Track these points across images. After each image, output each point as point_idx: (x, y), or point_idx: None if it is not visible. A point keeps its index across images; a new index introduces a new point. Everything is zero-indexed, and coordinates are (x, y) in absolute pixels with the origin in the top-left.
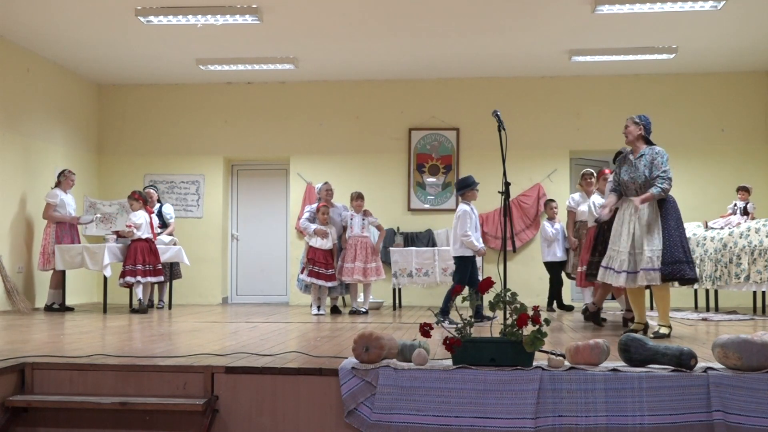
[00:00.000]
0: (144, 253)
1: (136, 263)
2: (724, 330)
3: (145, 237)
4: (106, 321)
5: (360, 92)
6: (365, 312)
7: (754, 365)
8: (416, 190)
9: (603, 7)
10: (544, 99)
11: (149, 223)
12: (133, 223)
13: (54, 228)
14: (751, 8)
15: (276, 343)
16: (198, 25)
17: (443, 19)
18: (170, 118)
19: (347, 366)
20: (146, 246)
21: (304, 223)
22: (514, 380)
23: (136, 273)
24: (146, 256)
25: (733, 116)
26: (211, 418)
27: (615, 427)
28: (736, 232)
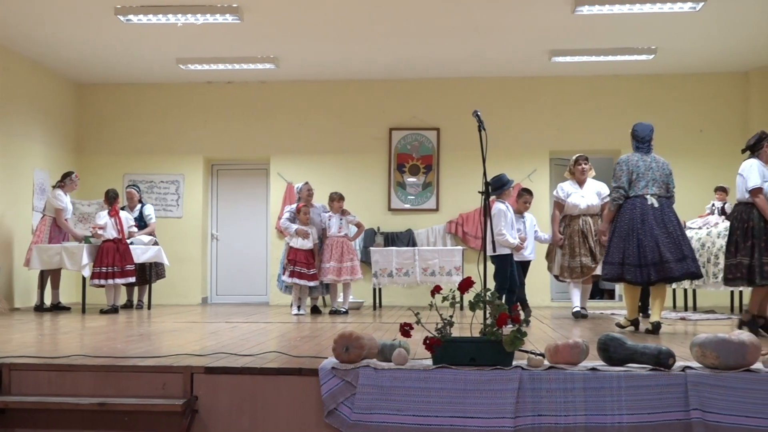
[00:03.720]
0: (109, 254)
1: (102, 264)
2: (702, 329)
3: (111, 238)
4: (85, 321)
5: (341, 92)
6: (345, 312)
7: (732, 364)
8: (396, 190)
9: (583, 8)
10: (525, 99)
11: (114, 224)
12: (95, 224)
13: (48, 228)
14: (730, 10)
15: (256, 343)
16: (178, 25)
17: (424, 20)
18: (150, 118)
19: (327, 366)
20: (112, 246)
21: (284, 223)
22: (493, 380)
23: (100, 275)
24: (112, 257)
25: (711, 117)
26: (191, 418)
27: (594, 427)
28: (714, 232)
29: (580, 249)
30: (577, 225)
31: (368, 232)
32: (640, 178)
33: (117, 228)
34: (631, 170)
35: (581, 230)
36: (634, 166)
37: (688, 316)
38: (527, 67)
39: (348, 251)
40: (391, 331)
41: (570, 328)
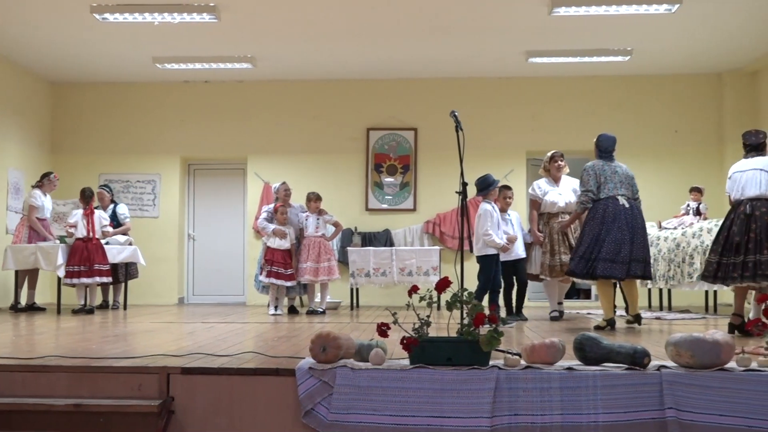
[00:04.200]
0: (77, 253)
1: (73, 263)
2: (677, 329)
3: (81, 237)
4: (61, 322)
5: (318, 92)
6: (322, 312)
7: (706, 363)
8: (374, 190)
9: (559, 9)
10: (502, 100)
11: (85, 223)
12: (67, 222)
13: (27, 228)
14: (705, 12)
15: (233, 343)
16: (155, 23)
17: (402, 20)
18: (126, 117)
19: (304, 366)
20: (82, 246)
21: (262, 223)
22: (470, 379)
23: (72, 274)
24: (80, 257)
25: (686, 118)
26: (167, 419)
27: (570, 426)
28: (689, 232)
29: (560, 247)
30: (555, 223)
31: (345, 232)
32: (608, 180)
33: (87, 227)
34: (598, 174)
35: (561, 228)
36: (600, 171)
37: (664, 315)
38: (504, 68)
39: (325, 251)
40: (368, 331)
41: (546, 328)
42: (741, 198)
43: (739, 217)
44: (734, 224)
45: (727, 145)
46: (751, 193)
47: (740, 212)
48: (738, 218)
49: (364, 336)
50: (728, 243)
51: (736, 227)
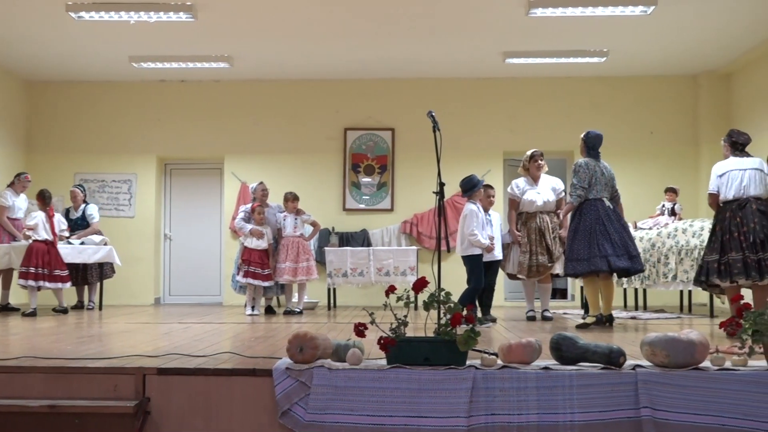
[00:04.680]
0: (39, 255)
1: (30, 264)
2: (652, 328)
3: (42, 239)
4: (35, 322)
5: (295, 92)
6: (300, 312)
7: (681, 362)
8: (351, 190)
9: (536, 10)
10: (479, 100)
11: (45, 225)
12: (26, 224)
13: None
14: (680, 14)
15: (209, 343)
16: (131, 22)
17: (379, 20)
18: (102, 116)
19: (281, 366)
20: (43, 248)
21: (239, 223)
22: (447, 379)
23: (28, 276)
24: (41, 259)
25: (661, 119)
26: (143, 420)
27: (546, 425)
28: (664, 233)
29: (537, 247)
30: (534, 223)
31: (323, 232)
32: (597, 182)
33: (48, 230)
34: (591, 174)
35: (538, 228)
36: (593, 171)
37: (639, 315)
38: (481, 68)
39: (303, 251)
40: (345, 331)
41: (523, 328)
42: (739, 196)
43: (755, 214)
44: (749, 221)
45: (702, 147)
46: (754, 192)
47: (754, 209)
48: (753, 214)
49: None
50: (748, 240)
51: (757, 224)
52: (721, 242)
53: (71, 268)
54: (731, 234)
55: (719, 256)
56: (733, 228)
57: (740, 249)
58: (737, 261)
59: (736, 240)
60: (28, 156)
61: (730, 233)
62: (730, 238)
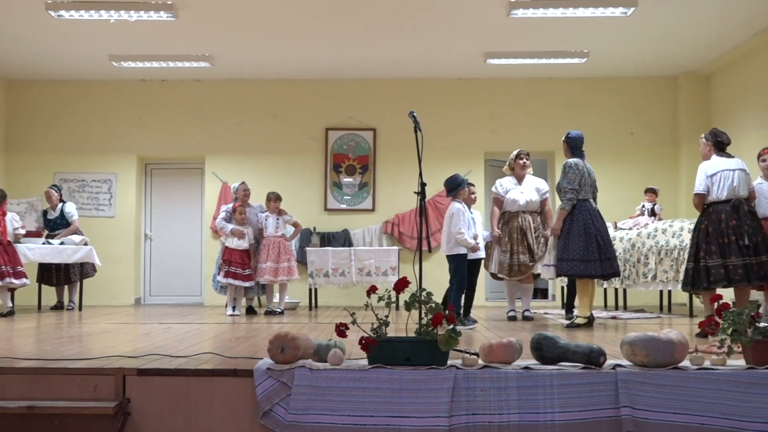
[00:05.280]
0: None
1: None
2: (632, 328)
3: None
4: (14, 323)
5: (277, 91)
6: (281, 312)
7: (660, 362)
8: (333, 190)
9: (518, 11)
10: (460, 100)
11: None
12: None
13: None
14: (659, 15)
15: (190, 344)
16: (111, 21)
17: (360, 20)
18: (82, 115)
19: (262, 367)
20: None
21: (220, 223)
22: (428, 379)
23: None
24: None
25: (641, 120)
26: (123, 421)
27: (527, 425)
28: (644, 233)
29: (519, 247)
30: (516, 222)
31: (304, 233)
32: (585, 183)
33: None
34: (581, 175)
35: (520, 227)
36: (582, 172)
37: (619, 315)
38: (463, 69)
39: (285, 251)
40: (326, 331)
41: (504, 327)
42: (732, 197)
43: (747, 216)
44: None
45: (681, 147)
46: (743, 193)
47: (746, 211)
48: (746, 216)
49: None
50: (746, 244)
51: (749, 227)
52: (719, 245)
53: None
54: (729, 238)
55: (722, 260)
56: (730, 231)
57: (740, 254)
58: (738, 267)
59: (735, 244)
60: (7, 155)
61: (728, 237)
62: (728, 242)
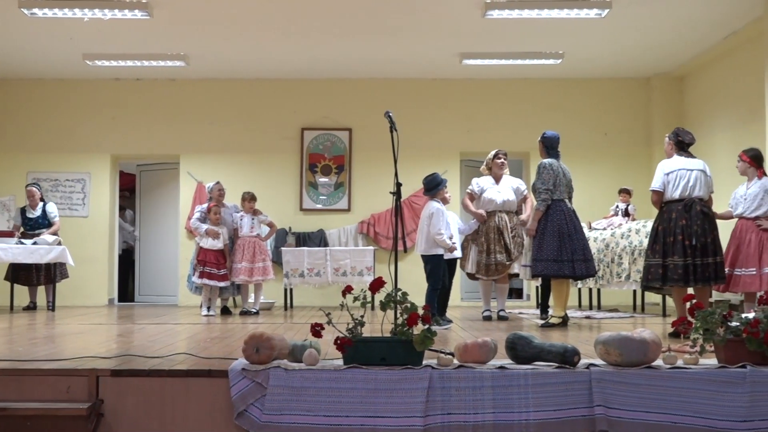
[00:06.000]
0: None
1: None
2: (606, 327)
3: None
4: None
5: (252, 91)
6: (256, 312)
7: (634, 361)
8: (308, 190)
9: (493, 12)
10: (436, 101)
11: None
12: None
13: None
14: (633, 17)
15: (164, 345)
16: (85, 19)
17: (336, 20)
18: (55, 114)
19: (237, 367)
20: None
21: (194, 223)
22: (404, 379)
23: None
24: None
25: (615, 121)
26: (96, 422)
27: (502, 424)
28: (618, 233)
29: (495, 246)
30: (492, 221)
31: (280, 233)
32: (560, 183)
33: None
34: (556, 175)
35: (497, 227)
36: (557, 172)
37: (593, 314)
38: (439, 69)
39: (260, 251)
40: (302, 331)
41: (479, 327)
42: (685, 197)
43: (698, 216)
44: (693, 222)
45: (654, 148)
46: (698, 194)
47: (698, 210)
48: (697, 216)
49: (298, 336)
50: (692, 244)
51: (699, 227)
52: (663, 244)
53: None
54: (675, 237)
55: (662, 259)
56: (678, 231)
57: (683, 254)
58: (678, 267)
59: (680, 244)
60: None
61: (674, 236)
62: (674, 241)
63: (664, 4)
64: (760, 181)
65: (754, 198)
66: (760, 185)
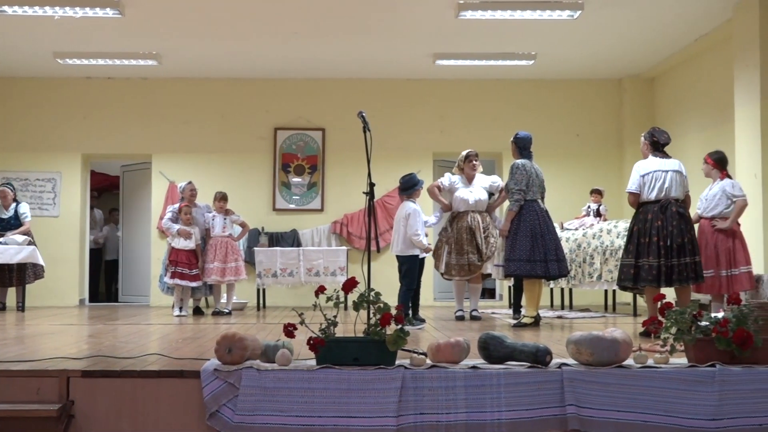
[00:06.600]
0: None
1: None
2: (577, 327)
3: None
4: None
5: (225, 90)
6: (228, 313)
7: (605, 360)
8: (281, 190)
9: (466, 13)
10: (409, 101)
11: None
12: None
13: None
14: (605, 20)
15: (136, 345)
16: (55, 17)
17: (310, 20)
18: (25, 113)
19: (209, 368)
20: None
21: (166, 223)
22: (376, 379)
23: None
24: None
25: (587, 122)
26: (67, 423)
27: (474, 424)
28: (590, 233)
29: (467, 246)
30: (464, 221)
31: (252, 233)
32: (533, 184)
33: None
34: (529, 175)
35: (469, 227)
36: (530, 172)
37: (565, 314)
38: (412, 70)
39: (232, 251)
40: (274, 331)
41: (452, 327)
42: (661, 197)
43: (674, 216)
44: (668, 223)
45: (626, 149)
46: (675, 194)
47: (674, 212)
48: (672, 217)
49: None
50: (666, 244)
51: (675, 228)
52: (637, 245)
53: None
54: (650, 238)
55: (634, 260)
56: (653, 232)
57: (657, 255)
58: (653, 267)
59: (655, 245)
60: None
61: (649, 236)
62: (649, 242)
63: (635, 6)
64: (721, 182)
65: (713, 198)
66: (720, 186)
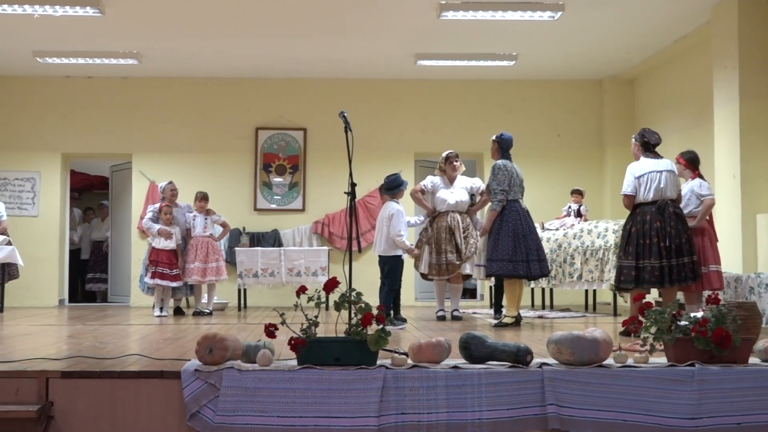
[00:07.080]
0: None
1: None
2: (558, 327)
3: None
4: None
5: (206, 90)
6: (209, 313)
7: (585, 360)
8: (263, 190)
9: (448, 13)
10: (391, 101)
11: None
12: None
13: None
14: (586, 21)
15: (116, 346)
16: (35, 16)
17: (291, 19)
18: (4, 112)
19: (190, 368)
20: None
21: (147, 223)
22: (358, 379)
23: None
24: None
25: (567, 123)
26: (46, 424)
27: (455, 423)
28: (570, 234)
29: (446, 246)
30: (444, 221)
31: (233, 233)
32: (514, 184)
33: None
34: (511, 176)
35: (448, 226)
36: (511, 173)
37: (546, 314)
38: (393, 70)
39: (213, 251)
40: (255, 332)
41: (433, 327)
42: (658, 198)
43: (672, 217)
44: (666, 224)
45: (606, 150)
46: (670, 195)
47: (671, 212)
48: (670, 218)
49: (252, 337)
50: (667, 245)
51: (673, 228)
52: (636, 246)
53: None
54: (650, 239)
55: (635, 261)
56: (653, 233)
57: (659, 256)
58: (655, 269)
59: (656, 246)
60: None
61: (649, 238)
62: (649, 244)
63: (615, 8)
64: (691, 182)
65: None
66: (689, 186)
